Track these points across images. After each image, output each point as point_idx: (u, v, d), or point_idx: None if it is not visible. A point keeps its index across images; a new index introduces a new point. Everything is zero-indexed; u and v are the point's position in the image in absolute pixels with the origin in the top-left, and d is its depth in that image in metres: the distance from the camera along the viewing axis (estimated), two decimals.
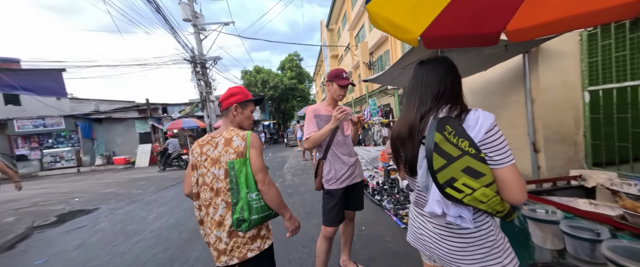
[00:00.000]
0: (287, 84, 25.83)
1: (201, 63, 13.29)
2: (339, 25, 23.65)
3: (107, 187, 6.80)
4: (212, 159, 1.12)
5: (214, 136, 1.17)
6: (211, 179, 1.12)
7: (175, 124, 11.52)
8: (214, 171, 1.12)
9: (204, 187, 1.14)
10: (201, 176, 1.15)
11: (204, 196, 1.14)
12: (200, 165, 1.16)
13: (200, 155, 1.16)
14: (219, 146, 1.12)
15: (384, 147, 5.81)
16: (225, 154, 1.10)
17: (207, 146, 1.16)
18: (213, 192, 1.12)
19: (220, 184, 1.11)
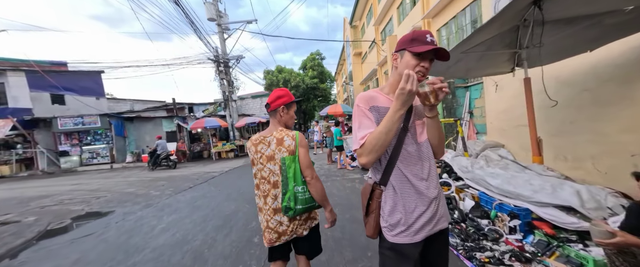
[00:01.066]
0: (308, 84, 25.42)
1: (224, 62, 13.29)
2: (363, 21, 22.60)
3: (130, 187, 6.76)
4: (267, 156, 1.32)
5: (266, 136, 1.34)
6: (268, 174, 1.32)
7: (198, 124, 11.57)
8: (270, 166, 1.32)
9: (262, 180, 1.34)
10: (259, 171, 1.35)
11: (263, 187, 1.34)
12: (257, 161, 1.35)
13: (256, 153, 1.35)
14: (271, 144, 1.31)
15: None
16: (279, 152, 1.29)
17: (260, 144, 1.33)
18: (270, 185, 1.32)
19: (276, 178, 1.31)
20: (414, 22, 11.26)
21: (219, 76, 12.94)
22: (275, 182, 1.31)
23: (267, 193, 1.33)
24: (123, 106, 16.69)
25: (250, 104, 21.30)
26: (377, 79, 19.62)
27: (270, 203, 1.32)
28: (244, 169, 8.30)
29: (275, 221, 1.31)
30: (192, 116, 12.62)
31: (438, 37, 10.15)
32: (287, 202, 1.26)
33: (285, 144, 1.28)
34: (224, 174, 7.70)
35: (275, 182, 1.31)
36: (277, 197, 1.31)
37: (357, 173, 5.93)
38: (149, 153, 9.83)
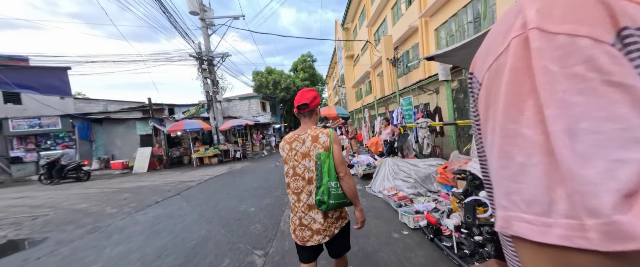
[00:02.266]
0: (299, 86, 24.64)
1: (208, 60, 12.27)
2: (355, 23, 22.25)
3: (84, 201, 5.61)
4: (302, 153, 1.34)
5: (300, 134, 1.37)
6: (303, 170, 1.34)
7: (176, 126, 10.43)
8: (305, 163, 1.33)
9: (295, 177, 1.35)
10: (292, 168, 1.36)
11: (296, 184, 1.35)
12: (291, 159, 1.36)
13: (290, 150, 1.37)
14: (306, 142, 1.34)
15: (435, 160, 4.17)
16: (314, 148, 1.31)
17: (295, 142, 1.36)
18: (305, 181, 1.33)
19: (311, 174, 1.32)
20: (410, 21, 10.83)
21: (203, 75, 11.89)
22: (310, 179, 1.33)
23: (301, 190, 1.34)
24: (95, 107, 15.12)
25: (237, 105, 20.18)
26: (370, 82, 19.19)
27: (305, 199, 1.34)
28: (227, 178, 7.31)
29: (309, 218, 1.34)
30: (171, 118, 11.44)
31: (435, 37, 9.73)
32: (320, 196, 1.27)
33: (320, 140, 1.32)
34: (203, 183, 6.69)
35: (309, 179, 1.33)
36: (311, 194, 1.33)
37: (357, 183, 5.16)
38: (45, 164, 8.58)
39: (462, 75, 4.71)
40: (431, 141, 4.59)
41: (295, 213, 1.35)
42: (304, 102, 1.35)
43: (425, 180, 3.72)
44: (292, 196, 1.37)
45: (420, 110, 5.94)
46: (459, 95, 4.73)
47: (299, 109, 1.37)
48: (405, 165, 4.10)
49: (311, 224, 1.31)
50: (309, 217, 1.32)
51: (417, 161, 4.22)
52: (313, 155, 1.30)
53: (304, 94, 1.37)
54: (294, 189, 1.35)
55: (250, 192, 5.14)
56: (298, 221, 1.34)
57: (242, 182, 6.32)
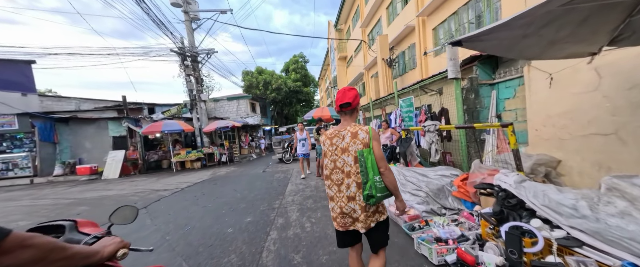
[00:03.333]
0: (291, 87, 23.93)
1: (192, 56, 11.36)
2: (348, 24, 21.88)
3: (27, 216, 4.65)
4: (342, 148, 1.46)
5: (340, 130, 1.48)
6: (342, 164, 1.46)
7: (153, 127, 9.45)
8: (344, 157, 1.45)
9: (335, 170, 1.48)
10: (333, 162, 1.49)
11: (336, 177, 1.48)
12: (331, 153, 1.50)
13: (331, 145, 1.50)
14: (345, 138, 1.45)
15: (448, 169, 3.60)
16: (353, 144, 1.42)
17: (335, 138, 1.49)
18: (344, 174, 1.45)
19: (349, 168, 1.43)
20: (406, 20, 10.43)
21: (185, 72, 10.96)
22: (348, 173, 1.43)
23: (341, 182, 1.46)
24: (66, 105, 13.75)
25: (225, 106, 19.17)
26: (364, 84, 18.77)
27: (345, 191, 1.44)
28: (207, 186, 6.47)
29: (349, 208, 1.44)
30: (148, 118, 10.42)
31: (434, 37, 9.36)
32: (369, 191, 1.36)
33: (359, 137, 1.41)
34: (178, 193, 5.84)
35: (348, 173, 1.43)
36: (350, 186, 1.42)
37: None
38: None
39: (473, 73, 4.20)
40: (440, 146, 4.03)
41: (336, 202, 1.48)
42: (347, 101, 1.47)
43: (439, 194, 3.13)
44: (333, 187, 1.49)
45: (423, 112, 5.40)
46: (469, 95, 4.21)
47: (341, 108, 1.50)
48: (413, 175, 3.50)
49: (351, 213, 1.44)
50: (349, 207, 1.44)
51: (426, 170, 3.63)
52: (352, 151, 1.42)
53: (346, 93, 1.49)
54: (335, 181, 1.48)
55: (231, 206, 4.38)
56: (339, 210, 1.47)
57: (224, 192, 5.52)
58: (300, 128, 6.55)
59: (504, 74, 3.99)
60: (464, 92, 4.23)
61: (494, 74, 4.19)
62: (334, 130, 1.51)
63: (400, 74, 12.06)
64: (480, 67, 4.16)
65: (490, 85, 4.22)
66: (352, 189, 1.41)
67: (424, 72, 9.75)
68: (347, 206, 1.43)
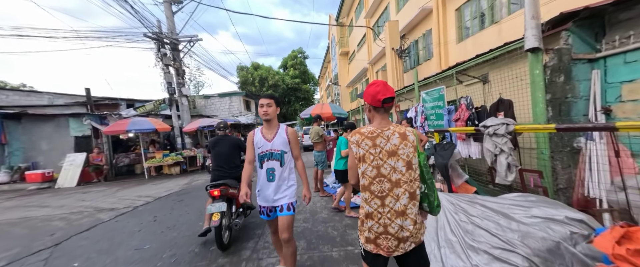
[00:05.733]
0: (289, 84, 22.39)
1: (172, 43, 9.79)
2: (351, 16, 20.31)
3: None
4: (388, 151, 1.19)
5: (383, 129, 1.22)
6: (389, 171, 1.18)
7: (117, 126, 7.88)
8: (391, 162, 1.18)
9: (380, 178, 1.19)
10: (375, 168, 1.19)
11: (381, 187, 1.19)
12: (375, 157, 1.20)
13: (373, 147, 1.21)
14: (392, 139, 1.20)
15: (545, 204, 2.01)
16: (405, 147, 1.18)
17: (379, 138, 1.21)
18: (392, 184, 1.18)
19: (399, 176, 1.18)
20: (421, 2, 8.87)
21: (163, 61, 9.39)
22: (397, 181, 1.18)
23: (386, 193, 1.19)
24: (37, 100, 12.13)
25: (216, 103, 17.62)
26: (368, 80, 17.21)
27: (391, 204, 1.18)
28: (170, 204, 4.90)
29: (396, 226, 1.17)
30: (116, 116, 8.85)
31: (457, 19, 7.80)
32: (437, 200, 1.24)
33: (409, 139, 1.21)
34: (125, 215, 4.28)
35: (397, 181, 1.18)
36: (399, 198, 1.18)
37: None
38: None
39: (562, 43, 2.63)
40: (516, 159, 2.47)
41: (378, 220, 1.20)
42: (391, 95, 1.23)
43: (555, 256, 1.56)
44: (375, 201, 1.21)
45: (463, 107, 3.82)
46: (554, 77, 2.65)
47: (383, 103, 1.23)
48: (484, 213, 1.94)
49: (398, 233, 1.17)
50: (396, 224, 1.17)
51: (504, 204, 2.05)
52: (402, 154, 1.19)
53: (387, 86, 1.24)
54: (378, 193, 1.20)
55: (179, 248, 2.81)
56: (382, 229, 1.19)
57: (183, 216, 3.96)
58: None
59: (620, 42, 2.42)
60: (549, 71, 2.66)
61: (599, 43, 2.62)
62: (374, 129, 1.24)
63: (412, 67, 10.50)
64: (576, 33, 2.60)
65: (588, 62, 2.66)
66: (404, 201, 1.17)
67: (443, 63, 8.19)
68: (395, 222, 1.16)
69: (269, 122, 1.90)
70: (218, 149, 3.02)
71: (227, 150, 3.01)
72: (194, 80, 18.73)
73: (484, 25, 6.74)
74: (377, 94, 1.23)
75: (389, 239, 1.17)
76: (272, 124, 1.92)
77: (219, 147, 3.02)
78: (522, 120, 3.12)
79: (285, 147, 1.91)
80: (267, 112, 1.85)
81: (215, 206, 2.60)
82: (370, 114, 1.30)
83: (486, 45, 4.53)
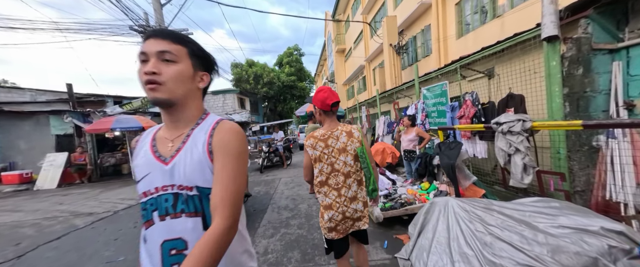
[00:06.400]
0: (284, 81, 21.97)
1: None
2: (348, 13, 19.97)
3: None
4: (338, 149, 1.41)
5: (333, 131, 1.44)
6: (341, 165, 1.41)
7: (101, 124, 7.44)
8: (342, 158, 1.41)
9: (335, 173, 1.41)
10: (330, 165, 1.41)
11: (336, 180, 1.41)
12: (328, 156, 1.41)
13: (326, 147, 1.42)
14: (340, 138, 1.42)
15: (573, 211, 1.77)
16: (351, 143, 1.42)
17: (330, 139, 1.43)
18: (344, 176, 1.41)
19: (349, 169, 1.41)
20: None
21: None
22: (348, 173, 1.41)
23: (341, 185, 1.40)
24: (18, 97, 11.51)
25: (209, 101, 17.14)
26: (364, 78, 16.96)
27: (345, 193, 1.40)
28: None
29: (351, 210, 1.40)
30: (100, 113, 8.37)
31: (457, 14, 7.57)
32: (373, 185, 1.42)
33: (355, 135, 1.44)
34: (105, 219, 3.93)
35: (348, 173, 1.41)
36: (351, 186, 1.41)
37: None
38: None
39: (581, 31, 2.40)
40: (533, 160, 2.22)
41: (337, 209, 1.39)
42: (337, 100, 1.44)
43: None
44: (332, 193, 1.41)
45: (467, 103, 3.58)
46: (572, 69, 2.41)
47: (332, 107, 1.43)
48: (504, 223, 1.70)
49: (353, 215, 1.41)
50: (352, 209, 1.41)
51: (524, 211, 1.80)
52: (350, 149, 1.41)
53: (333, 93, 1.46)
54: (334, 186, 1.41)
55: None
56: (341, 216, 1.40)
57: None
58: None
59: None
60: (567, 63, 2.42)
61: (621, 32, 2.40)
62: (325, 131, 1.45)
63: (410, 64, 10.28)
64: (597, 21, 2.37)
65: (609, 53, 2.43)
66: (353, 188, 1.42)
67: (443, 59, 7.98)
68: (350, 208, 1.41)
69: (170, 108, 0.70)
70: None
71: None
72: None
73: (485, 19, 6.53)
74: (326, 99, 1.41)
75: (347, 222, 1.41)
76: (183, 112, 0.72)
77: None
78: (535, 116, 2.89)
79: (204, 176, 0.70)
80: (158, 72, 0.64)
81: None
82: (320, 117, 1.49)
83: (488, 40, 4.31)
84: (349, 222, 1.42)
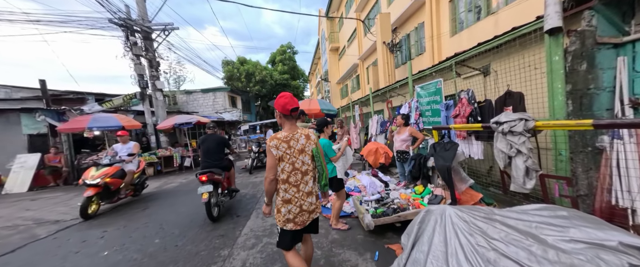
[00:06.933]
0: (277, 79, 21.57)
1: (144, 31, 8.85)
2: (341, 11, 19.72)
3: None
4: (298, 149, 1.59)
5: (294, 133, 1.60)
6: (300, 165, 1.60)
7: (76, 123, 6.97)
8: (301, 158, 1.60)
9: (295, 171, 1.59)
10: (291, 164, 1.57)
11: (295, 178, 1.59)
12: (289, 156, 1.57)
13: (288, 148, 1.57)
14: (301, 139, 1.61)
15: (584, 222, 1.58)
16: (309, 145, 1.64)
17: (291, 141, 1.58)
18: (302, 173, 1.61)
19: (307, 167, 1.62)
20: None
21: (133, 51, 8.46)
22: (306, 171, 1.62)
23: (299, 181, 1.59)
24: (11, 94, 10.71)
25: (199, 99, 16.62)
26: (358, 76, 16.78)
27: (303, 189, 1.60)
28: (126, 214, 4.20)
29: (308, 203, 1.62)
30: (77, 111, 7.85)
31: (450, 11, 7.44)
32: (325, 181, 1.70)
33: (312, 138, 1.65)
34: (68, 229, 3.56)
35: (305, 171, 1.61)
36: (308, 183, 1.62)
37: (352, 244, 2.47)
38: None
39: (585, 24, 2.23)
40: (536, 163, 2.03)
41: (295, 203, 1.58)
42: (297, 105, 1.58)
43: None
44: (292, 189, 1.58)
45: (463, 102, 3.39)
46: (575, 65, 2.24)
47: (291, 112, 1.58)
48: (508, 236, 1.50)
49: (309, 208, 1.63)
50: (308, 202, 1.62)
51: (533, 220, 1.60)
52: (308, 150, 1.63)
53: (293, 98, 1.59)
54: (294, 183, 1.59)
55: None
56: (298, 209, 1.59)
57: (146, 228, 3.30)
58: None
59: None
60: (570, 58, 2.25)
61: (627, 25, 2.24)
62: (287, 134, 1.58)
63: (404, 62, 10.13)
64: (601, 13, 2.20)
65: (614, 48, 2.27)
66: (310, 184, 1.63)
67: (436, 57, 7.85)
68: (307, 201, 1.61)
69: None
70: (206, 145, 3.65)
71: (214, 146, 3.66)
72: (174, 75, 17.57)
73: (479, 16, 6.41)
74: (286, 104, 1.54)
75: (303, 215, 1.59)
76: None
77: (207, 143, 3.66)
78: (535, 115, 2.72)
79: None
80: None
81: (204, 187, 3.27)
82: (281, 120, 1.62)
83: (482, 37, 4.14)
84: (306, 214, 1.61)
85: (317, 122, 2.99)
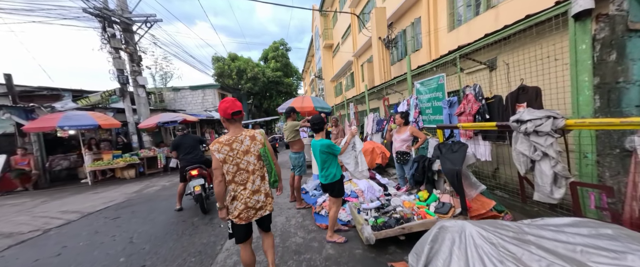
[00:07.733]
0: (270, 77, 20.98)
1: (123, 22, 8.21)
2: (335, 6, 19.30)
3: None
4: (243, 151, 1.69)
5: (237, 136, 1.69)
6: (246, 165, 1.69)
7: (45, 121, 6.36)
8: (247, 158, 1.69)
9: (240, 171, 1.68)
10: (236, 165, 1.67)
11: (241, 177, 1.68)
12: (233, 158, 1.66)
13: (231, 151, 1.65)
14: (245, 141, 1.70)
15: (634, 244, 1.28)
16: (254, 146, 1.72)
17: (234, 143, 1.67)
18: (249, 173, 1.70)
19: (253, 166, 1.71)
20: None
21: (111, 44, 7.82)
22: (253, 170, 1.70)
23: (246, 180, 1.69)
24: None
25: (188, 97, 15.93)
26: (353, 74, 16.46)
27: (250, 187, 1.69)
28: (95, 224, 3.72)
29: (254, 201, 1.70)
30: (48, 109, 7.18)
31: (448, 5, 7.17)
32: (274, 178, 1.80)
33: (257, 139, 1.74)
34: (39, 237, 3.07)
35: (252, 170, 1.70)
36: (254, 181, 1.70)
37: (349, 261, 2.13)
38: None
39: (613, 8, 1.94)
40: (565, 168, 1.75)
41: (240, 200, 1.67)
42: (239, 109, 1.68)
43: None
44: (237, 187, 1.68)
45: (470, 97, 3.09)
46: (604, 55, 1.96)
47: (233, 115, 1.67)
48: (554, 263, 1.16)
49: (255, 205, 1.71)
50: (254, 200, 1.70)
51: (575, 241, 1.30)
52: (253, 151, 1.71)
53: (235, 103, 1.69)
54: (240, 182, 1.68)
55: None
56: (243, 206, 1.67)
57: (113, 244, 2.86)
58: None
59: None
60: (599, 46, 1.96)
61: None
62: (229, 137, 1.67)
63: (400, 58, 9.86)
64: None
65: None
66: (257, 182, 1.71)
67: (433, 53, 7.59)
68: (252, 199, 1.69)
69: None
70: (186, 144, 3.86)
71: (193, 143, 3.95)
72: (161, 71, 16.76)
73: (478, 10, 6.16)
74: (227, 108, 1.67)
75: (249, 211, 1.70)
76: None
77: (186, 143, 3.87)
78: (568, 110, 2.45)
79: None
80: None
81: (196, 180, 3.57)
82: (225, 124, 1.74)
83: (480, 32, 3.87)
84: (252, 211, 1.69)
85: (312, 120, 2.62)
